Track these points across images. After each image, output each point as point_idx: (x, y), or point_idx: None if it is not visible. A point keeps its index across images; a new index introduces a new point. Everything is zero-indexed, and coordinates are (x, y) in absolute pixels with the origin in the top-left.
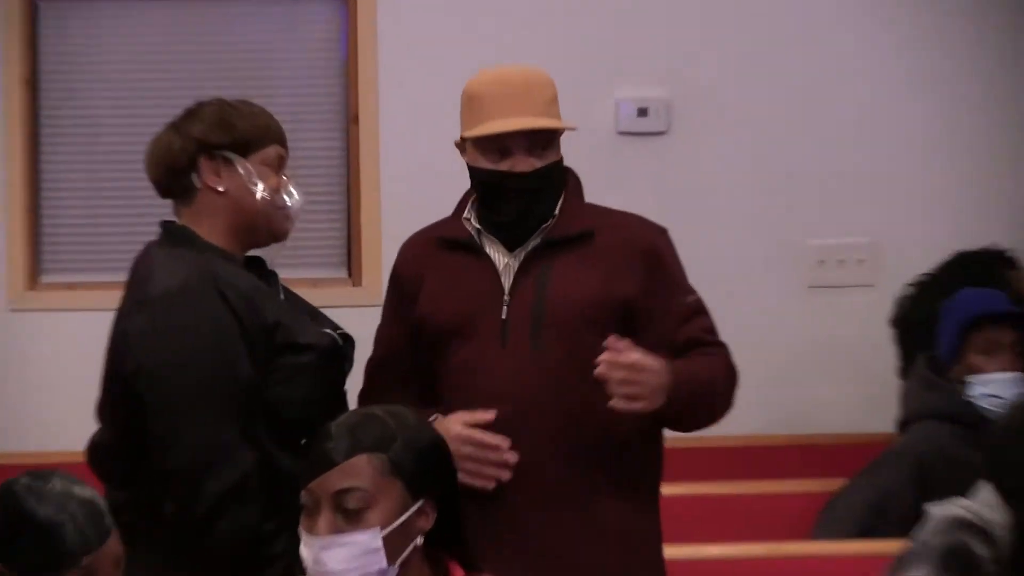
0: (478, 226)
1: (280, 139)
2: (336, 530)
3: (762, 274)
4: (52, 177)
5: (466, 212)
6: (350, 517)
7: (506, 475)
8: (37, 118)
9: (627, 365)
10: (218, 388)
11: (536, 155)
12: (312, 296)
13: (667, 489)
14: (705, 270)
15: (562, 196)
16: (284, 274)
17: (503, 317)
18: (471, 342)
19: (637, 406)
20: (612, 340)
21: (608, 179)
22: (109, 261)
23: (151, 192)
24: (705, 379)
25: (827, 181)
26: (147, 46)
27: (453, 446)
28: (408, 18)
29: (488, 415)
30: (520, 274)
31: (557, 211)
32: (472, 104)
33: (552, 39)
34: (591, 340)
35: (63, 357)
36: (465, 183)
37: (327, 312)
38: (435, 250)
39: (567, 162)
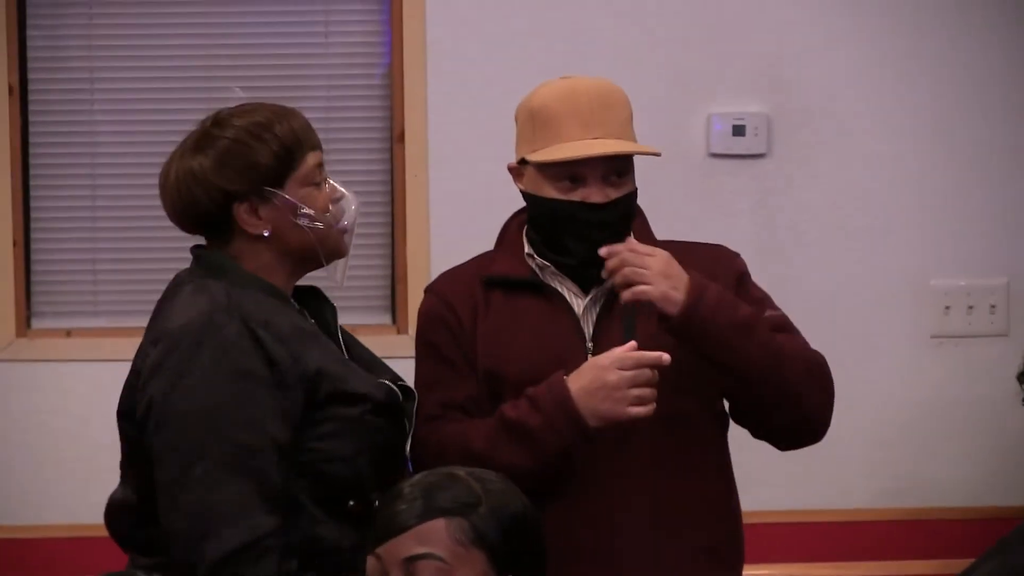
0: (544, 263)
1: (312, 141)
2: None
3: (876, 320)
4: (44, 205)
5: (527, 247)
6: None
7: (667, 357)
8: (25, 134)
9: (627, 248)
10: (235, 442)
11: (611, 184)
12: None
13: (759, 570)
14: (808, 313)
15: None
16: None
17: None
18: None
19: (638, 290)
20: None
21: (697, 208)
22: (112, 304)
23: (164, 222)
24: (759, 319)
25: (953, 212)
26: (155, 52)
27: (605, 377)
28: (463, 21)
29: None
30: (604, 318)
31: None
32: (537, 122)
33: (632, 43)
34: (692, 386)
35: (58, 414)
36: None
37: None
38: (482, 292)
39: (649, 189)
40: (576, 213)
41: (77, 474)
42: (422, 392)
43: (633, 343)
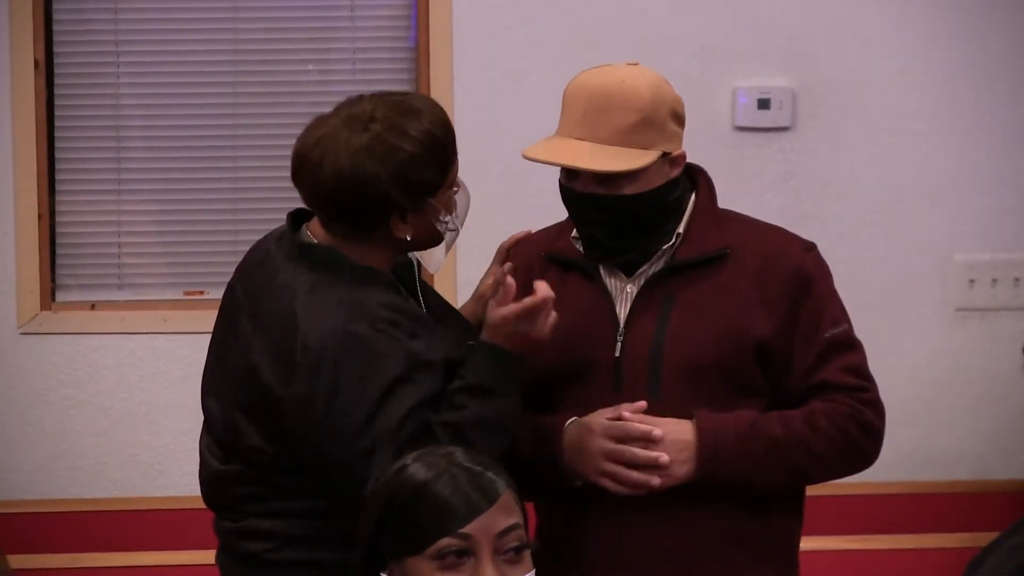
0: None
1: (455, 143)
2: None
3: (901, 294)
4: (69, 178)
5: (574, 232)
6: (513, 560)
7: (656, 481)
8: (51, 108)
9: (636, 435)
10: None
11: (601, 186)
12: None
13: None
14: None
15: (690, 207)
16: None
17: (616, 355)
18: (580, 383)
19: (623, 490)
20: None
21: (723, 181)
22: (136, 277)
23: (190, 194)
24: (780, 437)
25: (978, 186)
26: (180, 26)
27: (587, 441)
28: None
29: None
30: (638, 305)
31: (682, 228)
32: (561, 108)
33: (658, 17)
34: (720, 387)
35: (82, 387)
36: (555, 190)
37: None
38: (544, 265)
39: None
40: (569, 199)
41: (100, 448)
42: None
43: (642, 403)
